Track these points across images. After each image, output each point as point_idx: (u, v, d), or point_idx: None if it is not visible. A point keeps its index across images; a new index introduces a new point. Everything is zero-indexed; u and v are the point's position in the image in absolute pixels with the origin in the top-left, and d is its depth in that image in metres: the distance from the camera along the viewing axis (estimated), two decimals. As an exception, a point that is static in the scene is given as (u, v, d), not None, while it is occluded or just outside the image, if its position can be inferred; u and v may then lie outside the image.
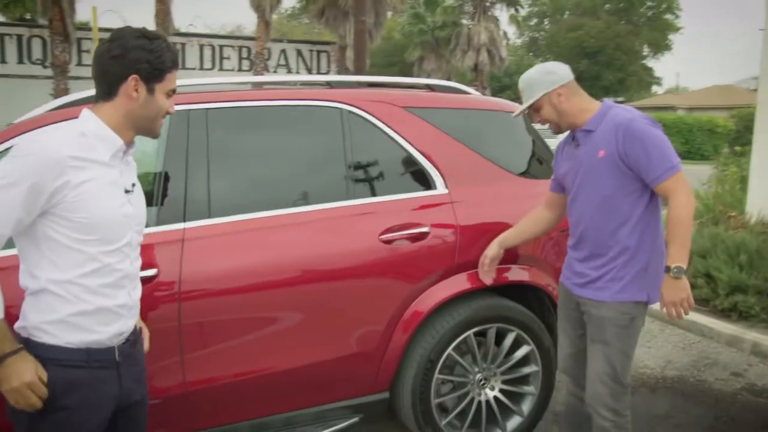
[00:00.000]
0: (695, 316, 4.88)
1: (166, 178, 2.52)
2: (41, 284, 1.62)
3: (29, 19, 23.33)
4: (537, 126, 3.05)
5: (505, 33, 28.77)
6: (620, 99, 43.11)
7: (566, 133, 2.57)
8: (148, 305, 2.33)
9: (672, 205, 2.25)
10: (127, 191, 1.74)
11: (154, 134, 1.79)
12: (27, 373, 1.57)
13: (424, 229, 2.76)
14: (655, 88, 49.80)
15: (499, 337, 2.97)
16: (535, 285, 3.04)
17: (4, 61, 17.67)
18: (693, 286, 5.32)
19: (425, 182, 2.89)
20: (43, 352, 1.62)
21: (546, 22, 47.07)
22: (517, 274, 3.00)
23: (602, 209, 2.37)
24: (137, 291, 1.82)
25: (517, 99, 2.59)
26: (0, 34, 17.63)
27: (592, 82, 38.33)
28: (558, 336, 2.73)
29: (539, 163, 3.21)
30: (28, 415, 1.62)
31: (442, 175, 2.90)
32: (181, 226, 2.46)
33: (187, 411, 2.50)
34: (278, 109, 2.80)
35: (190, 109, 2.59)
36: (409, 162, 2.89)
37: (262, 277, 2.54)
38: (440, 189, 2.88)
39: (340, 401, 2.76)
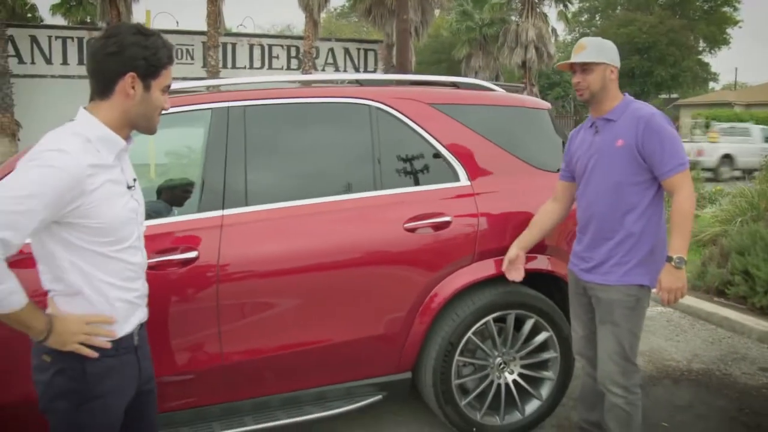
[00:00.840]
0: (728, 312, 4.89)
1: (207, 169, 2.74)
2: (73, 288, 1.67)
3: (89, 23, 24.35)
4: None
5: (554, 29, 28.41)
6: (674, 96, 42.05)
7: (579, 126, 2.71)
8: (189, 285, 2.59)
9: (677, 200, 2.39)
10: (129, 187, 1.77)
11: (151, 131, 1.79)
12: (75, 321, 1.67)
13: (447, 219, 2.92)
14: (711, 84, 48.32)
15: (519, 324, 3.11)
16: (554, 274, 3.16)
17: (65, 63, 18.53)
18: (730, 284, 5.32)
19: (449, 175, 3.05)
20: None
21: (597, 18, 46.21)
22: (536, 263, 3.12)
23: (613, 195, 2.50)
24: (145, 279, 1.90)
25: (564, 97, 2.67)
26: (62, 36, 18.49)
27: (643, 78, 37.41)
28: (571, 320, 2.85)
29: (560, 157, 3.32)
30: (66, 405, 1.70)
31: (465, 168, 3.05)
32: (219, 213, 2.69)
33: (224, 382, 2.72)
34: (311, 106, 3.00)
35: (229, 106, 2.81)
36: (434, 156, 3.05)
37: (294, 261, 2.74)
38: (463, 181, 3.04)
39: (366, 379, 2.95)
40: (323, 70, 21.98)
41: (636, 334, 2.56)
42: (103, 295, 1.71)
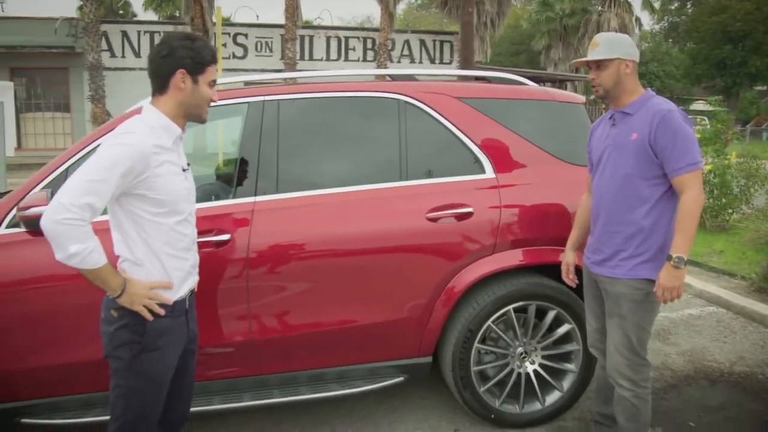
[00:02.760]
0: (784, 315, 4.70)
1: (243, 158, 2.95)
2: (138, 257, 2.01)
3: (178, 17, 25.51)
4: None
5: (638, 19, 27.41)
6: (771, 88, 39.42)
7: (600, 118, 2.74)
8: (221, 265, 2.80)
9: (684, 199, 2.40)
10: (183, 169, 2.11)
11: (201, 119, 2.14)
12: (143, 287, 2.00)
13: (469, 210, 3.01)
14: (816, 76, 44.96)
15: (542, 315, 3.16)
16: (579, 267, 3.17)
17: (154, 56, 19.54)
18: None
19: (475, 167, 3.13)
20: None
21: (689, 6, 44.01)
22: (559, 255, 3.15)
23: (623, 188, 2.52)
24: (196, 250, 2.24)
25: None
26: (150, 31, 19.50)
27: (736, 69, 35.39)
28: (585, 313, 2.88)
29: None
30: (128, 354, 2.02)
31: (491, 161, 3.12)
32: (252, 199, 2.89)
33: (252, 356, 2.92)
34: (343, 100, 3.15)
35: (264, 100, 3.00)
36: (460, 148, 3.14)
37: (321, 246, 2.91)
38: (489, 173, 3.11)
39: (388, 361, 3.08)
40: (399, 62, 22.12)
41: (645, 328, 2.57)
42: (162, 264, 2.04)
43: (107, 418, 2.73)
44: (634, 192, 2.50)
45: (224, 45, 18.80)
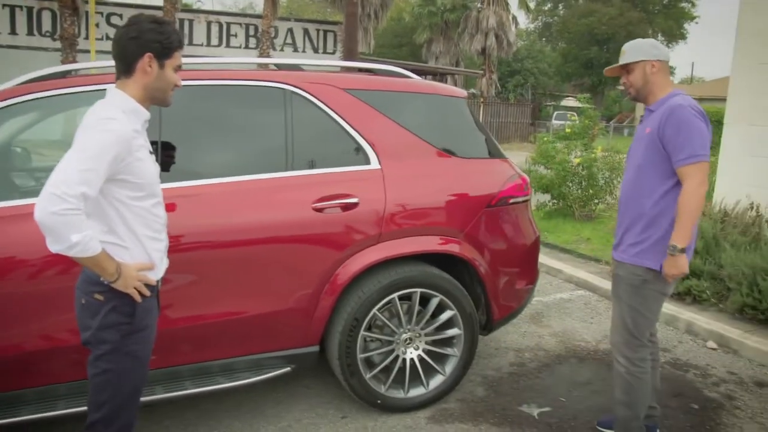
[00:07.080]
0: (640, 296, 5.13)
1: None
2: (123, 240, 2.01)
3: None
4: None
5: (514, 17, 28.75)
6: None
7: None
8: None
9: (682, 190, 2.54)
10: (150, 152, 2.10)
11: (166, 104, 2.16)
12: (133, 269, 2.01)
13: (354, 200, 3.04)
14: (669, 78, 49.24)
15: (426, 302, 3.26)
16: (462, 257, 3.31)
17: (14, 32, 17.97)
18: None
19: (360, 158, 3.16)
20: None
21: (561, 7, 46.72)
22: (448, 246, 3.26)
23: (637, 178, 2.69)
24: (167, 232, 2.23)
25: (523, 85, 2.79)
26: (11, 5, 17.90)
27: (601, 69, 38.05)
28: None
29: (473, 144, 3.49)
30: (116, 336, 2.03)
31: (375, 152, 3.17)
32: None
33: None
34: (227, 88, 3.07)
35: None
36: (346, 139, 3.16)
37: (205, 237, 2.83)
38: (373, 164, 3.16)
39: (275, 351, 3.06)
40: (282, 50, 21.78)
41: (640, 312, 2.71)
42: (143, 246, 2.07)
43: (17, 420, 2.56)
44: (644, 182, 2.65)
45: (97, 25, 17.65)
